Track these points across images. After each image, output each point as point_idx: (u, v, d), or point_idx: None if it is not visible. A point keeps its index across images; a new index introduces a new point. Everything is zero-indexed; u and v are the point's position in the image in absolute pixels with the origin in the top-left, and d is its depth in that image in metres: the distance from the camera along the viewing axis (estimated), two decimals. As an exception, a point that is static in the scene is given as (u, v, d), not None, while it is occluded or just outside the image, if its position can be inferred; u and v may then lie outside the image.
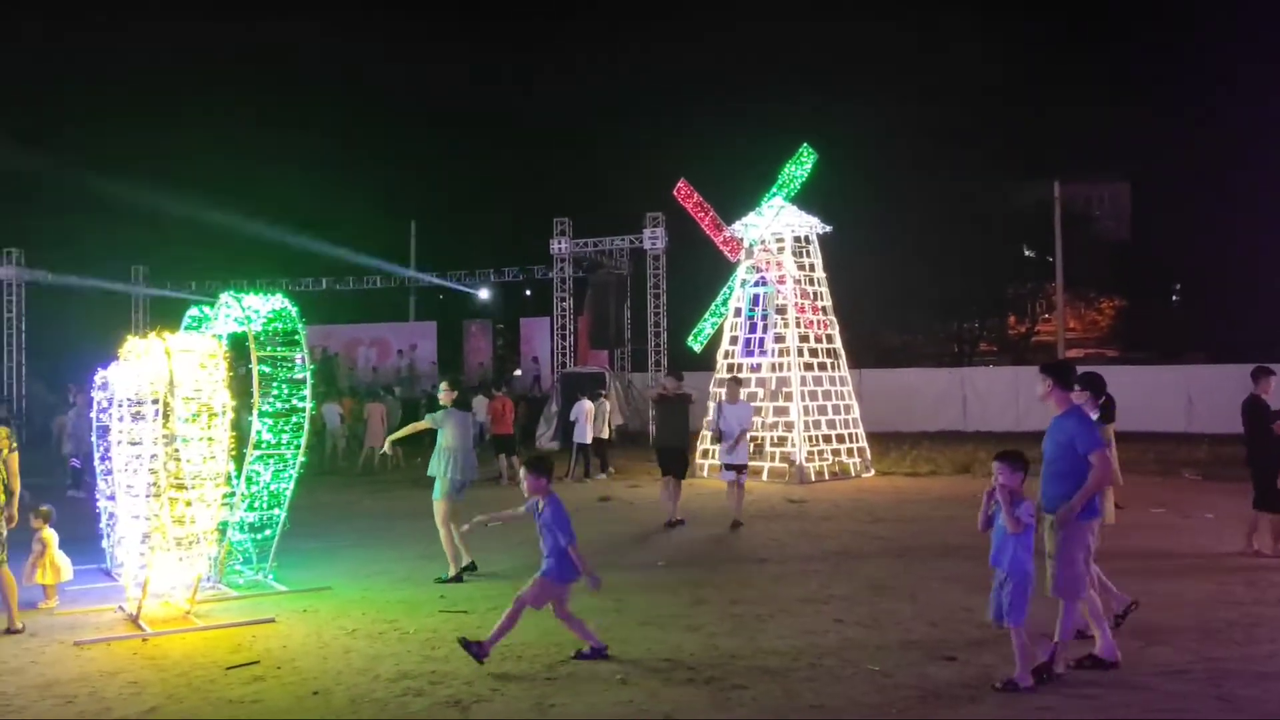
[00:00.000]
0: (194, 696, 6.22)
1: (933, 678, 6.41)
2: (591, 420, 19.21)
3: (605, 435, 19.79)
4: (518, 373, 33.41)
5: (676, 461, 13.46)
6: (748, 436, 13.47)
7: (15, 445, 8.30)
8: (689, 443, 13.76)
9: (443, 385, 10.52)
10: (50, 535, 9.09)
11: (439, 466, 10.00)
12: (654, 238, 28.57)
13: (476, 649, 6.67)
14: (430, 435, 10.39)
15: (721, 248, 19.44)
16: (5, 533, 8.09)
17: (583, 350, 30.74)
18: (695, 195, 19.39)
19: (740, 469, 13.17)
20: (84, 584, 9.51)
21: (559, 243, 29.79)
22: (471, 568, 9.96)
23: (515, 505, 7.42)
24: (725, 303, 19.72)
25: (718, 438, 13.35)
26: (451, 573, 9.84)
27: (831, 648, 7.17)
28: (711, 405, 18.74)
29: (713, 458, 17.17)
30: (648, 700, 6.04)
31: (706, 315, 19.84)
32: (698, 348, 20.04)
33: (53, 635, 7.87)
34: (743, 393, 13.86)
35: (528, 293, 33.29)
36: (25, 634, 7.91)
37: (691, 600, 8.80)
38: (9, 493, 8.11)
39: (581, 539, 7.17)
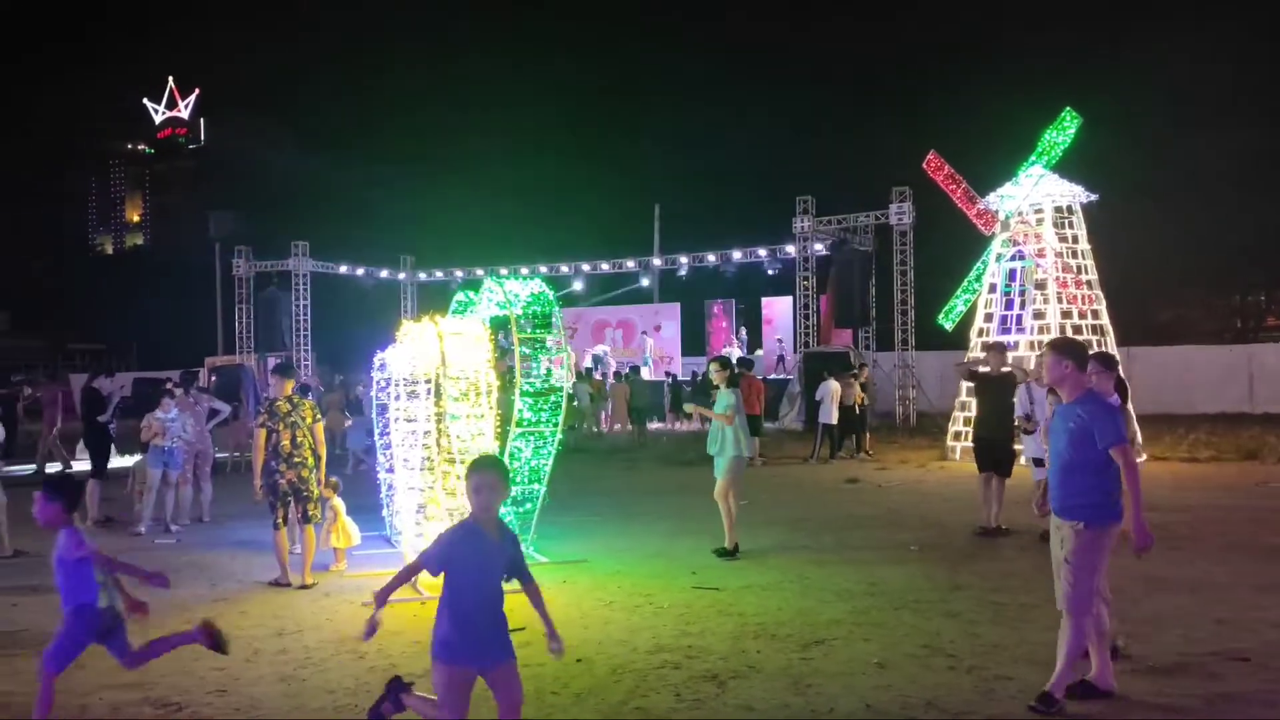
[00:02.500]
0: (469, 658, 6.62)
1: (1222, 678, 5.92)
2: (836, 400, 18.95)
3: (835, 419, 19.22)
4: (759, 352, 33.40)
5: (1001, 455, 11.21)
6: None
7: (319, 416, 9.16)
8: (1014, 431, 11.37)
9: (713, 366, 10.40)
10: (339, 504, 9.93)
11: (723, 444, 9.94)
12: (900, 212, 27.75)
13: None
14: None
15: (975, 221, 18.63)
16: (318, 493, 8.98)
17: (826, 329, 30.33)
18: (946, 167, 18.66)
19: None
20: (368, 549, 10.34)
21: (801, 221, 29.47)
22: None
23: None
24: (979, 278, 18.88)
25: (1030, 427, 10.64)
26: (730, 544, 9.97)
27: (1105, 642, 6.75)
28: (964, 383, 18.05)
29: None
30: (907, 685, 5.90)
31: (959, 292, 19.08)
32: (949, 326, 19.32)
33: (344, 595, 8.60)
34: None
35: (770, 272, 33.19)
36: (320, 593, 8.69)
37: (949, 586, 8.52)
38: (317, 459, 8.98)
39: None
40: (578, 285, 36.49)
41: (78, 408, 14.48)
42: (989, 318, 18.70)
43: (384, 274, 38.85)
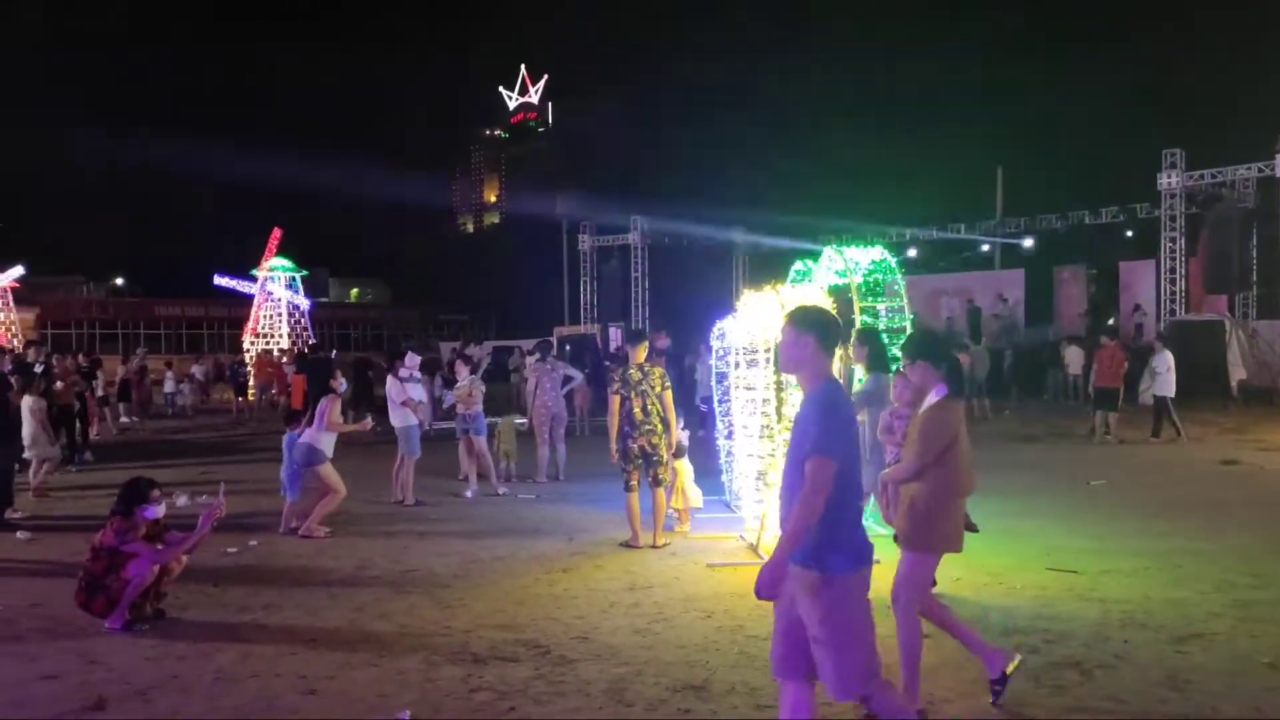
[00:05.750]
0: (813, 624, 6.67)
1: None
2: (1172, 372, 17.19)
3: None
4: (1109, 321, 30.90)
5: None
6: None
7: (668, 384, 9.52)
8: None
9: (854, 340, 8.28)
10: (682, 466, 10.29)
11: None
12: (1291, 162, 24.59)
13: None
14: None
15: (1389, 168, 16.13)
16: (667, 457, 9.37)
17: (1196, 295, 27.56)
18: (1352, 107, 16.27)
19: None
20: (709, 513, 10.65)
21: (1168, 176, 26.88)
22: None
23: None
24: (1393, 234, 16.37)
25: None
26: None
27: None
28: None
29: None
30: (1308, 693, 5.28)
31: (1366, 251, 16.64)
32: (1353, 290, 16.92)
33: (689, 556, 8.91)
34: None
35: (1129, 234, 30.54)
36: (667, 552, 9.06)
37: (1355, 585, 7.48)
38: (665, 425, 9.35)
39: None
40: (913, 252, 35.43)
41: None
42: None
43: (717, 244, 39.73)
